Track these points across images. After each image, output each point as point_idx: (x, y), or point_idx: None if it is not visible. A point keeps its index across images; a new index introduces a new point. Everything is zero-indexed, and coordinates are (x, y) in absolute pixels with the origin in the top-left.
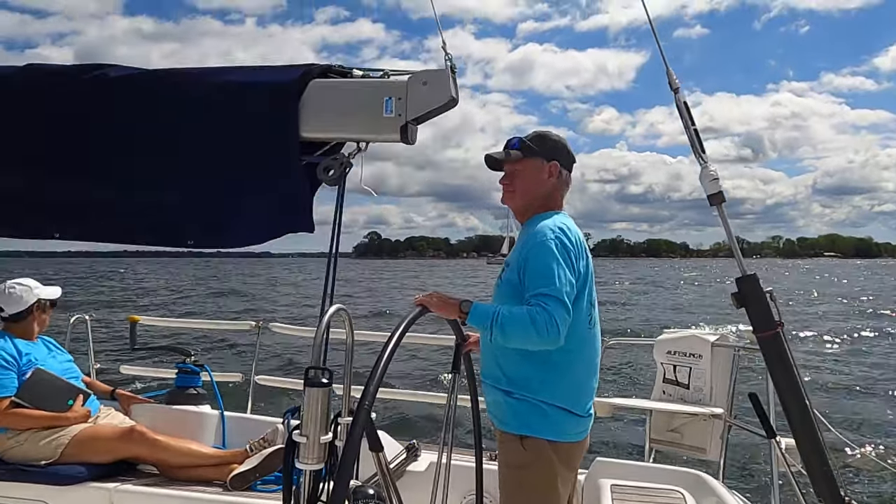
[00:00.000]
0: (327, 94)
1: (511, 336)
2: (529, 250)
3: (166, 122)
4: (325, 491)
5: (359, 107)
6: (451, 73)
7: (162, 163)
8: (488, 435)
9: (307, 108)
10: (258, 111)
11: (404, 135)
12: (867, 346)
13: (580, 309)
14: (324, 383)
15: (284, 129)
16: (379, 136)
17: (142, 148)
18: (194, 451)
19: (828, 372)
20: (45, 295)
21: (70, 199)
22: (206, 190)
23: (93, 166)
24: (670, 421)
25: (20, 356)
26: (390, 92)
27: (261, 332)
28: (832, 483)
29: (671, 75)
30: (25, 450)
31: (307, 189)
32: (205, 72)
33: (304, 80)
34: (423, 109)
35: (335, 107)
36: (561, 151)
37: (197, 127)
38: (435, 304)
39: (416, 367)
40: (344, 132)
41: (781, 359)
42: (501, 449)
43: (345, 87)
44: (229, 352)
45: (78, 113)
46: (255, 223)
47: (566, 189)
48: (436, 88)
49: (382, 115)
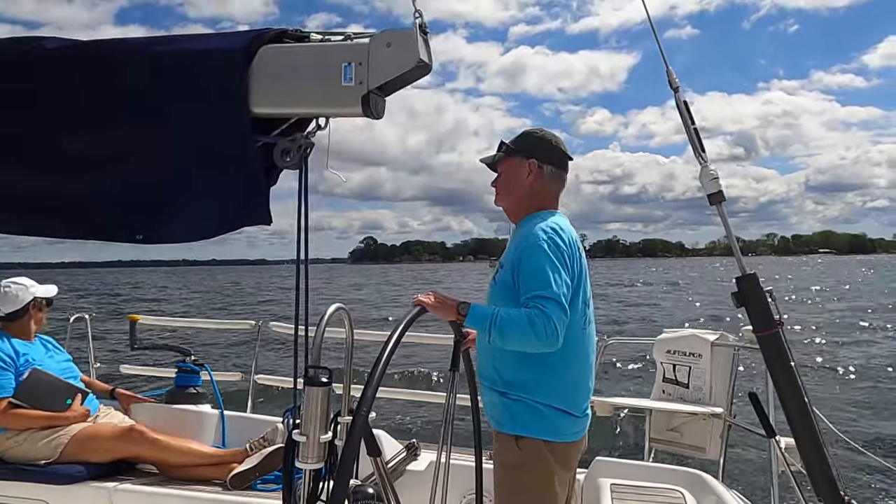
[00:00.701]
0: (279, 62)
1: (509, 338)
2: (522, 251)
3: (104, 100)
4: (324, 490)
5: (314, 76)
6: (422, 34)
7: (100, 145)
8: (488, 434)
9: (257, 78)
10: (203, 84)
11: (366, 107)
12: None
13: (575, 309)
14: (323, 382)
15: (232, 103)
16: (339, 110)
17: (77, 129)
18: (194, 451)
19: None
20: (41, 293)
21: (5, 187)
22: (150, 176)
23: (26, 149)
24: (670, 420)
25: (17, 356)
26: (349, 56)
27: (260, 332)
28: (832, 482)
29: (671, 74)
30: (25, 449)
31: (262, 175)
32: (153, 41)
33: (253, 47)
34: (387, 76)
35: (288, 77)
36: (540, 148)
37: (137, 104)
38: (433, 305)
39: (415, 366)
40: (298, 106)
41: (781, 358)
42: (497, 449)
43: (298, 52)
44: (229, 351)
45: (7, 89)
46: (207, 214)
47: (557, 186)
48: (402, 51)
49: (341, 84)
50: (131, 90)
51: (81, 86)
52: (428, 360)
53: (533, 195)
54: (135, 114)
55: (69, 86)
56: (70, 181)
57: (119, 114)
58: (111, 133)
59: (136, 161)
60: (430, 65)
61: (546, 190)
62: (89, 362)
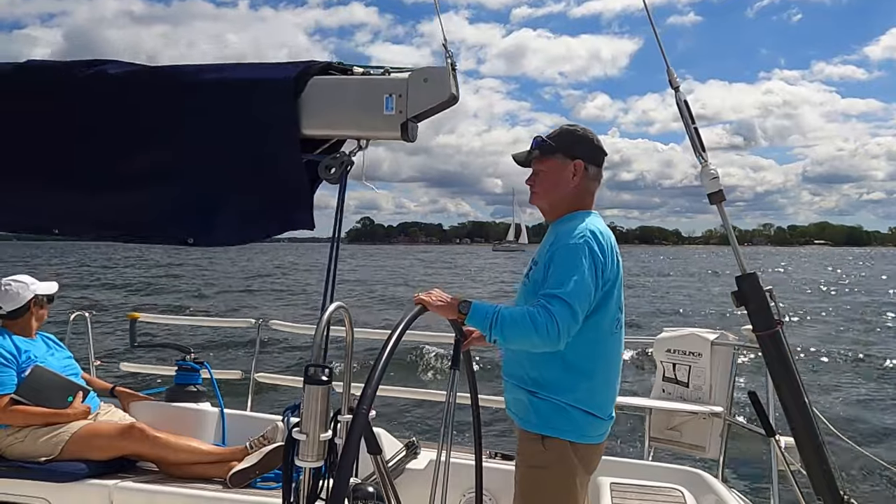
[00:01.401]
0: (327, 92)
1: (510, 337)
2: (556, 251)
3: (167, 119)
4: (324, 488)
5: (359, 104)
6: (452, 71)
7: (163, 160)
8: (488, 433)
9: (307, 105)
10: (259, 109)
11: (405, 132)
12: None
13: (608, 312)
14: (323, 381)
15: (285, 126)
16: (379, 134)
17: (142, 145)
18: (194, 449)
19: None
20: (42, 291)
21: (70, 197)
22: (206, 188)
23: (93, 163)
24: (670, 419)
25: (19, 353)
26: (391, 89)
27: (260, 329)
28: (831, 481)
29: (671, 74)
30: (25, 447)
31: (307, 187)
32: (205, 68)
33: (304, 78)
34: (423, 107)
35: (336, 104)
36: (584, 146)
37: (197, 124)
38: (434, 304)
39: (415, 364)
40: (344, 130)
41: (781, 357)
42: (521, 448)
43: (345, 84)
44: (229, 349)
45: (78, 110)
46: (256, 220)
47: (596, 186)
48: (436, 86)
49: (383, 113)
50: (192, 111)
51: (144, 107)
52: (428, 358)
53: (575, 196)
54: (195, 133)
55: (133, 107)
56: (132, 192)
57: (180, 133)
58: (171, 150)
59: (194, 174)
60: (457, 97)
61: (588, 190)
62: (89, 360)
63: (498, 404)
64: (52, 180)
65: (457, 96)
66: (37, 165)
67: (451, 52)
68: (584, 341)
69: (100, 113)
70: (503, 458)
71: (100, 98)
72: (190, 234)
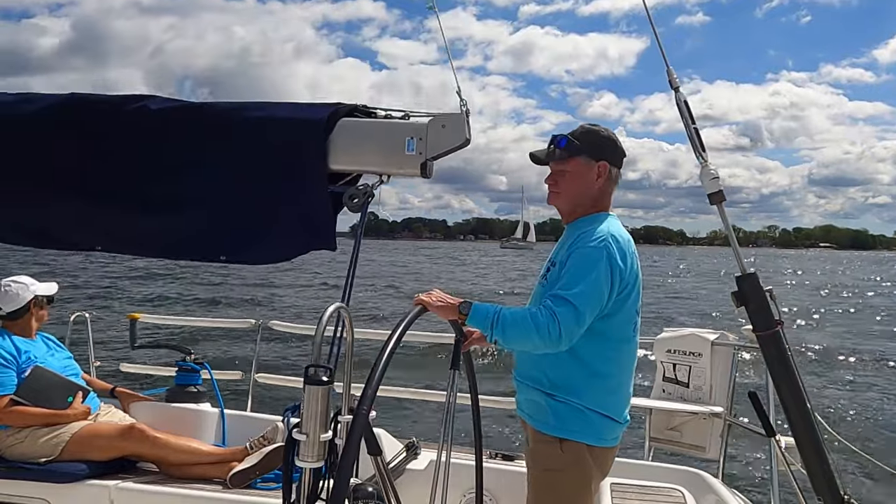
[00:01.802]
0: (354, 133)
1: (511, 338)
2: (574, 252)
3: (207, 153)
4: (324, 489)
5: (383, 145)
6: (466, 118)
7: (203, 189)
8: (488, 433)
9: (335, 143)
10: (292, 145)
11: (424, 170)
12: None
13: (626, 316)
14: (324, 381)
15: (315, 162)
16: (401, 171)
17: (184, 175)
18: (194, 449)
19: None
20: (42, 291)
21: (116, 220)
22: (241, 215)
23: (137, 190)
24: (670, 419)
25: (19, 354)
26: (412, 133)
27: (261, 330)
28: (832, 482)
29: (671, 74)
30: (25, 447)
31: (332, 214)
32: (242, 105)
33: (333, 119)
34: (441, 149)
35: (361, 144)
36: (610, 149)
37: (235, 157)
38: (434, 304)
39: (415, 365)
40: (368, 166)
41: (781, 358)
42: (536, 449)
43: (370, 127)
44: (229, 350)
45: (123, 141)
46: (284, 242)
47: (615, 186)
48: (453, 131)
49: (404, 153)
50: (232, 145)
51: (184, 141)
52: (428, 359)
53: (596, 198)
54: (233, 164)
55: (175, 140)
56: (172, 215)
57: (220, 163)
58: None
59: (230, 200)
60: (470, 140)
61: (607, 192)
62: (89, 361)
63: (498, 404)
64: (96, 203)
65: (469, 139)
66: (84, 189)
67: (464, 100)
68: (603, 344)
69: (143, 145)
70: (503, 459)
71: (143, 132)
72: (223, 253)
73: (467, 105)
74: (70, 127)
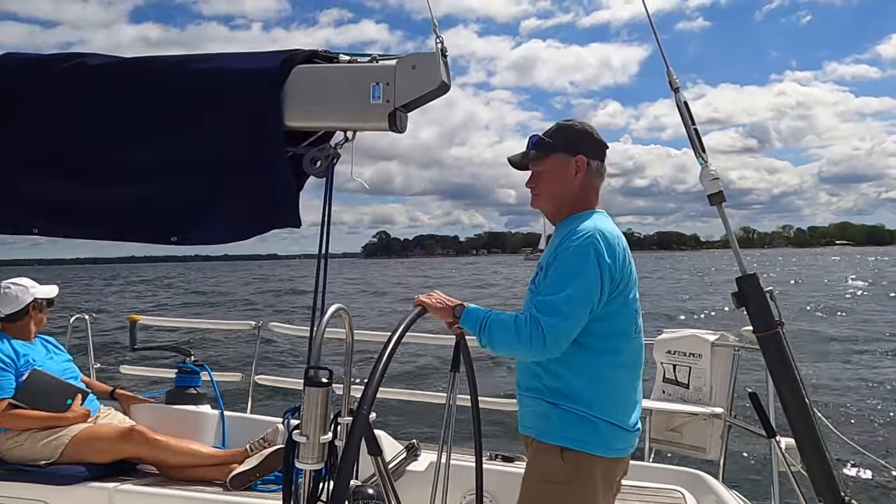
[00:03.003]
0: (311, 81)
1: (497, 344)
2: (559, 253)
3: (146, 113)
4: (324, 491)
5: (344, 93)
6: (443, 57)
7: (142, 155)
8: (488, 434)
9: (291, 96)
10: (240, 100)
11: (392, 122)
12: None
13: (626, 316)
14: (323, 383)
15: (268, 118)
16: (366, 125)
17: (120, 140)
18: (194, 451)
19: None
20: (42, 294)
21: (48, 195)
22: (188, 184)
23: (70, 160)
24: (670, 420)
25: (18, 357)
26: (377, 77)
27: (260, 332)
28: (832, 482)
29: (671, 75)
30: (25, 450)
31: (293, 182)
32: (184, 59)
33: (287, 67)
34: (412, 95)
35: (320, 94)
36: (585, 141)
37: (176, 117)
38: (433, 306)
39: (416, 366)
40: (329, 121)
41: (781, 358)
42: (536, 461)
43: (329, 72)
44: (229, 351)
45: (55, 104)
46: (240, 218)
47: (600, 181)
48: (425, 73)
49: (370, 102)
50: (171, 105)
51: (123, 101)
52: (429, 359)
53: (579, 195)
54: (174, 127)
55: (111, 101)
56: (111, 189)
57: (159, 127)
58: (151, 144)
59: (174, 170)
60: (449, 85)
61: (592, 187)
62: (89, 363)
63: (498, 406)
64: (30, 178)
65: (448, 84)
66: (14, 162)
67: (440, 37)
68: (604, 348)
69: (79, 107)
70: (503, 460)
71: (79, 91)
72: (174, 233)
73: (443, 43)
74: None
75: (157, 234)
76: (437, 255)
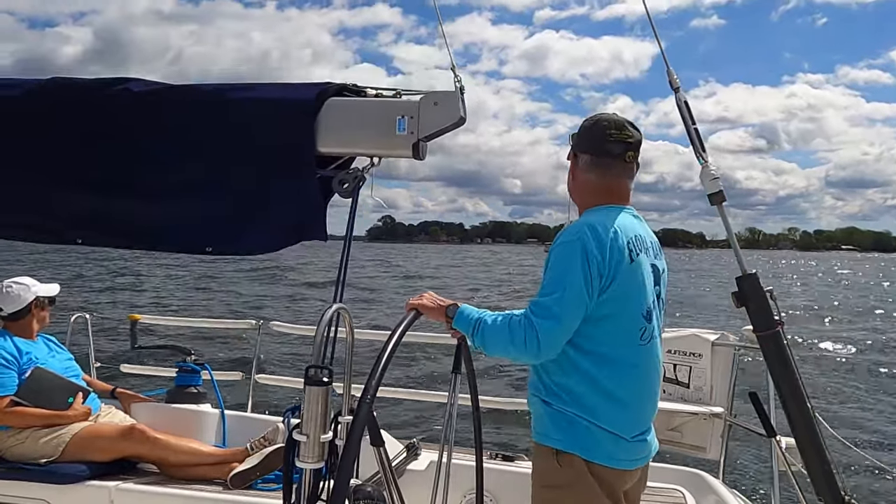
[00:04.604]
0: (343, 112)
1: (490, 346)
2: (551, 252)
3: (188, 136)
4: (325, 490)
5: (373, 125)
6: (460, 95)
7: (184, 175)
8: (488, 434)
9: (323, 125)
10: (277, 127)
11: (416, 151)
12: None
13: (625, 319)
14: (324, 382)
15: (302, 144)
16: (392, 152)
17: (165, 160)
18: (194, 450)
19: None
20: (44, 293)
21: (92, 209)
22: (224, 201)
23: (117, 177)
24: (670, 420)
25: (20, 355)
26: (403, 111)
27: (261, 331)
28: (832, 482)
29: (671, 75)
30: (26, 448)
31: (321, 201)
32: (226, 88)
33: (320, 99)
34: (433, 128)
35: (350, 124)
36: (581, 136)
37: (217, 141)
38: (426, 307)
39: (416, 366)
40: (358, 148)
41: (782, 358)
42: (535, 464)
43: (359, 105)
44: (230, 350)
45: (103, 126)
46: (272, 232)
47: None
48: (446, 109)
49: (395, 133)
50: (213, 129)
51: (166, 124)
52: (429, 361)
53: (584, 192)
54: (215, 150)
55: (155, 124)
56: (153, 206)
57: (200, 149)
58: (192, 165)
59: (212, 191)
60: (465, 118)
61: (591, 185)
62: (90, 362)
63: (498, 405)
64: (75, 192)
65: (464, 118)
66: (65, 178)
67: (458, 76)
68: (600, 352)
69: (123, 130)
70: (504, 459)
71: (123, 115)
72: (209, 244)
73: (461, 81)
74: (49, 112)
75: (194, 245)
76: (441, 242)
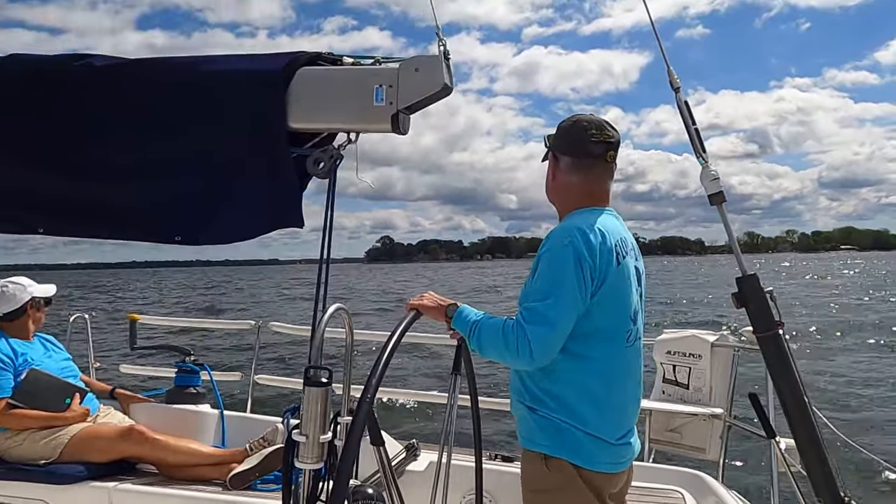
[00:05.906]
0: (316, 83)
1: (486, 349)
2: (541, 256)
3: (149, 114)
4: (324, 490)
5: (348, 95)
6: (445, 60)
7: (145, 155)
8: (488, 434)
9: (295, 97)
10: (245, 101)
11: (395, 124)
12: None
13: (613, 322)
14: (323, 382)
15: (272, 119)
16: (369, 126)
17: (122, 140)
18: (194, 451)
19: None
20: (39, 293)
21: (53, 194)
22: (191, 183)
23: (76, 159)
24: (670, 421)
25: (16, 356)
26: (381, 79)
27: (260, 332)
28: (832, 483)
29: (672, 75)
30: (24, 449)
31: (296, 183)
32: (191, 60)
33: (291, 69)
34: (415, 97)
35: (324, 96)
36: (559, 136)
37: (182, 117)
38: (426, 307)
39: (416, 367)
40: (333, 122)
41: (781, 359)
42: (524, 468)
43: (333, 75)
44: (229, 351)
45: (62, 104)
46: (244, 218)
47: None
48: (428, 75)
49: (373, 104)
50: (174, 106)
51: (126, 102)
52: (429, 359)
53: (563, 194)
54: (177, 127)
55: (114, 101)
56: (115, 189)
57: (161, 127)
58: (153, 145)
59: (177, 170)
60: (451, 87)
61: (573, 187)
62: (89, 362)
63: (498, 406)
64: (35, 177)
65: (450, 86)
66: (20, 161)
67: (443, 39)
68: (587, 354)
69: (84, 107)
70: (503, 460)
71: (82, 91)
72: (177, 232)
73: (446, 46)
74: (5, 90)
75: (161, 233)
76: (441, 260)
